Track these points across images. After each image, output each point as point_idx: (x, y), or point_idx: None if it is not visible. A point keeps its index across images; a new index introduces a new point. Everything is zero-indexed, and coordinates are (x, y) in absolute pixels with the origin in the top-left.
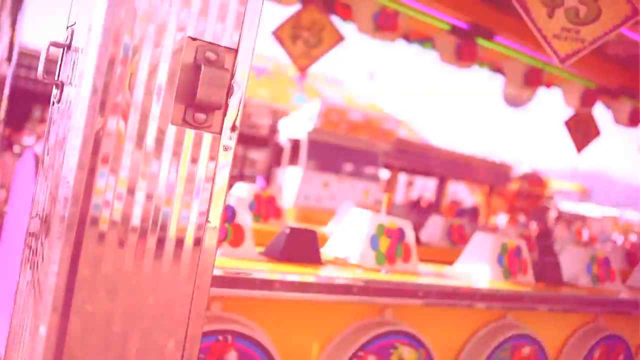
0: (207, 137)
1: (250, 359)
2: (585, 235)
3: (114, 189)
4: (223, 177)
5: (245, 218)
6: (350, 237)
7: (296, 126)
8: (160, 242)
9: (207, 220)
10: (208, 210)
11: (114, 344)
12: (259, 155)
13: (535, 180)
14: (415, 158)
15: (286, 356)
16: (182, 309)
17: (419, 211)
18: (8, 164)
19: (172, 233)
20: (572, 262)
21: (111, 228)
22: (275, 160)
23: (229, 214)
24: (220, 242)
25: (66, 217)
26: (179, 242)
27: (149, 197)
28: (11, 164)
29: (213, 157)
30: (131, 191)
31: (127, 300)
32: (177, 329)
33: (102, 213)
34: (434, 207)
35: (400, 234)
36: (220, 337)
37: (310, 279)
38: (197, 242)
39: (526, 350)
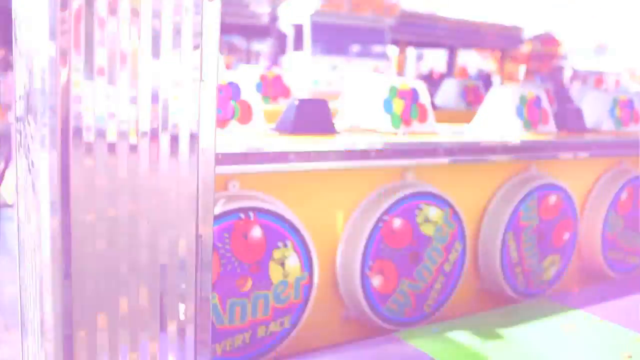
0: None
1: (275, 232)
2: (603, 87)
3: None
4: (213, 29)
5: (251, 94)
6: (362, 104)
7: (297, 11)
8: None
9: (200, 79)
10: (201, 66)
11: (123, 246)
12: (261, 47)
13: (548, 40)
14: (423, 30)
15: (311, 227)
16: (189, 194)
17: (431, 84)
18: (10, 83)
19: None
20: (594, 108)
21: (97, 137)
22: (280, 48)
23: (233, 91)
24: (226, 120)
25: (46, 91)
26: (177, 117)
27: (133, 53)
28: (13, 82)
29: (198, 8)
30: (113, 58)
31: (128, 205)
32: (188, 218)
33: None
34: (446, 78)
35: (413, 94)
36: (242, 215)
37: (326, 147)
38: (193, 123)
39: (552, 198)
